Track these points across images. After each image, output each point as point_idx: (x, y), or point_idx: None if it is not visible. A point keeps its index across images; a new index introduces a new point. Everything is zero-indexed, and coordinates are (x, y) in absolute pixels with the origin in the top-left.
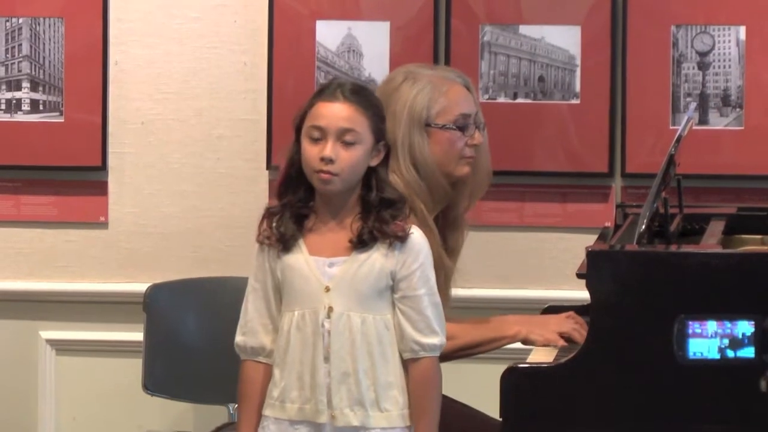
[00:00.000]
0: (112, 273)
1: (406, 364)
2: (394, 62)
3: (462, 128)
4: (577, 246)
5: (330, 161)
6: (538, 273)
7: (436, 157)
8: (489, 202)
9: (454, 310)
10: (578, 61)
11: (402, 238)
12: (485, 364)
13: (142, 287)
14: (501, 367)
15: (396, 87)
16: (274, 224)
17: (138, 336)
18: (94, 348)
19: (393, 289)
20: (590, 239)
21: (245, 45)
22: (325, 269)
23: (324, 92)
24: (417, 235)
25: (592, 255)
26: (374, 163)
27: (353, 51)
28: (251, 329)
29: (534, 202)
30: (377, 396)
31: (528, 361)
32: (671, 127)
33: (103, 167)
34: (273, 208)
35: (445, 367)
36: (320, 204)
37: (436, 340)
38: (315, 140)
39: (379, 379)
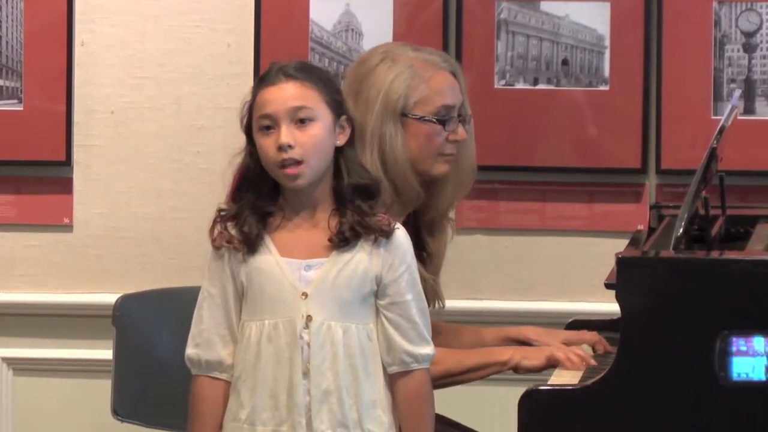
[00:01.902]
0: (77, 282)
1: (394, 379)
2: None
3: (443, 122)
4: (605, 252)
5: (289, 147)
6: (561, 283)
7: (411, 153)
8: (505, 203)
9: (464, 323)
10: (607, 42)
11: (387, 233)
12: (501, 386)
13: (111, 298)
14: (519, 390)
15: (371, 69)
16: (231, 228)
17: (107, 354)
18: (57, 367)
19: (377, 294)
20: (621, 244)
21: (230, 24)
22: (300, 273)
23: (264, 79)
24: (401, 233)
25: (622, 262)
26: (340, 142)
27: (352, 30)
28: (207, 340)
29: (556, 203)
30: (360, 416)
31: (550, 382)
32: (713, 117)
33: (68, 162)
34: (227, 210)
35: (456, 388)
36: (287, 200)
37: (429, 349)
38: (267, 131)
39: (362, 397)
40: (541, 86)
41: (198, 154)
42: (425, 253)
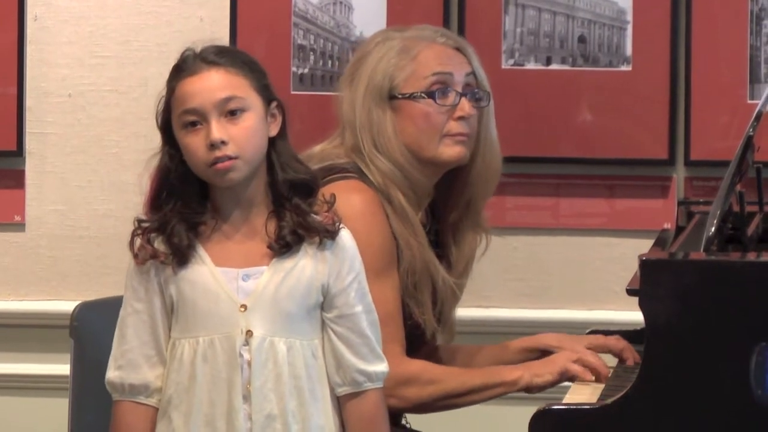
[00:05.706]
0: (29, 288)
1: (344, 401)
2: (393, 18)
3: (432, 95)
4: (627, 254)
5: (222, 143)
6: (578, 289)
7: (410, 138)
8: (513, 198)
9: (467, 336)
10: (629, 17)
11: (333, 233)
12: (509, 405)
13: (69, 306)
14: (530, 409)
15: (366, 54)
16: (155, 240)
17: (63, 369)
18: (7, 384)
19: (323, 306)
20: (645, 245)
21: None
22: (238, 283)
23: (182, 69)
24: (346, 233)
25: (647, 265)
26: (273, 132)
27: (341, 3)
28: (131, 362)
29: (572, 198)
30: None
31: (565, 401)
32: (749, 102)
33: (20, 152)
34: (149, 222)
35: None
36: (218, 204)
37: (383, 366)
38: (193, 127)
39: (310, 422)
40: (554, 66)
41: None
42: (448, 257)
